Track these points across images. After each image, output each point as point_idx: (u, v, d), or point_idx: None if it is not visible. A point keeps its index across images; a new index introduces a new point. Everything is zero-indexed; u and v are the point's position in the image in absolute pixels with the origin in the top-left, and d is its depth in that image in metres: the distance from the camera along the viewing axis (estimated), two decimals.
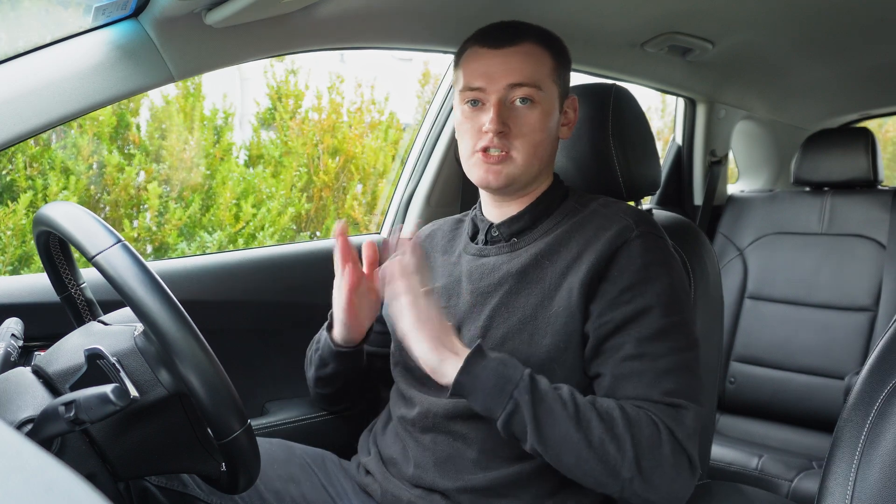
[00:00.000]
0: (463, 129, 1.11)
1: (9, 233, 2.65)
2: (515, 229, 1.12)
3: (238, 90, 4.46)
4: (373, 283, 1.13)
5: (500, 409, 0.92)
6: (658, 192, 2.38)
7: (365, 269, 1.13)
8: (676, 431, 0.93)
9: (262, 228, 3.30)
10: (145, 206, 3.10)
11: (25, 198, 2.66)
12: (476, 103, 1.09)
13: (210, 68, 1.19)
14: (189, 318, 0.79)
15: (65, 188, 2.82)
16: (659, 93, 2.70)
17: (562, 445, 0.91)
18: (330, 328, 1.21)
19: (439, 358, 0.95)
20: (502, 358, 0.96)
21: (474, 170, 1.10)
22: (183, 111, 3.28)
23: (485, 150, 1.07)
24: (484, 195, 1.17)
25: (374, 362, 1.31)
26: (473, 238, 1.18)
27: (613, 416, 0.92)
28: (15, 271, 2.72)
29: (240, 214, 3.26)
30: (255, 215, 3.30)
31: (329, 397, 1.32)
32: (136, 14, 1.08)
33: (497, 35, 1.08)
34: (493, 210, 1.15)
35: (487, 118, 1.05)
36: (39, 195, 2.77)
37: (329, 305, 1.17)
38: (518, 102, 1.06)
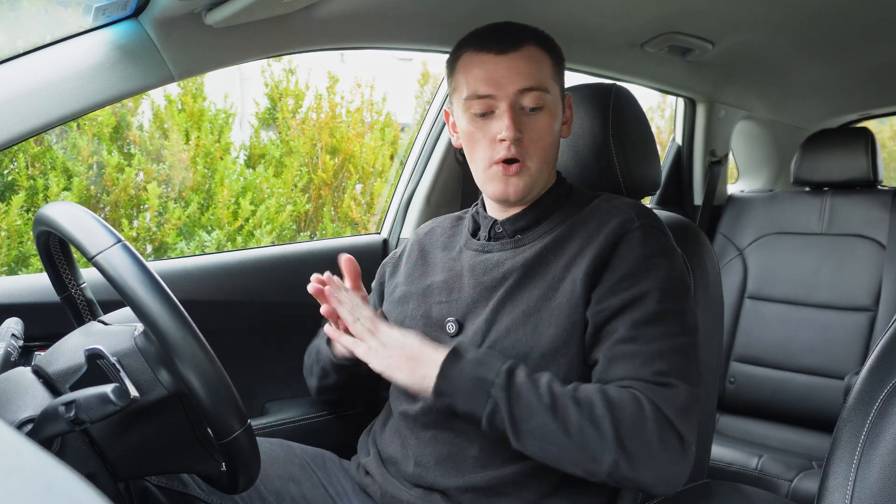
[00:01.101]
0: (473, 139, 1.08)
1: (2, 233, 2.66)
2: (520, 226, 1.12)
3: (238, 90, 4.47)
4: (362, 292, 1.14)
5: (481, 410, 0.93)
6: (658, 192, 2.38)
7: (349, 285, 1.13)
8: (663, 407, 0.92)
9: (260, 226, 3.31)
10: (145, 206, 3.10)
11: (17, 199, 2.67)
12: (486, 113, 1.06)
13: (210, 68, 1.19)
14: (189, 318, 0.79)
15: (66, 188, 2.82)
16: (659, 93, 2.70)
17: (541, 438, 0.91)
18: (329, 342, 1.21)
19: (420, 376, 0.97)
20: (479, 357, 0.96)
21: (491, 183, 1.08)
22: (185, 111, 3.28)
23: (504, 161, 1.05)
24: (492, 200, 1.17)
25: None
26: (474, 234, 1.18)
27: (592, 399, 0.92)
28: (11, 272, 2.72)
29: (238, 212, 3.27)
30: (253, 213, 3.30)
31: (334, 402, 1.33)
32: (136, 14, 1.08)
33: (497, 39, 1.06)
34: (498, 209, 1.15)
35: (501, 126, 1.04)
36: (40, 195, 2.78)
37: None
38: (528, 109, 1.05)
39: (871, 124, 2.61)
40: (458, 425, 1.05)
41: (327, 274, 1.06)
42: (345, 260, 1.13)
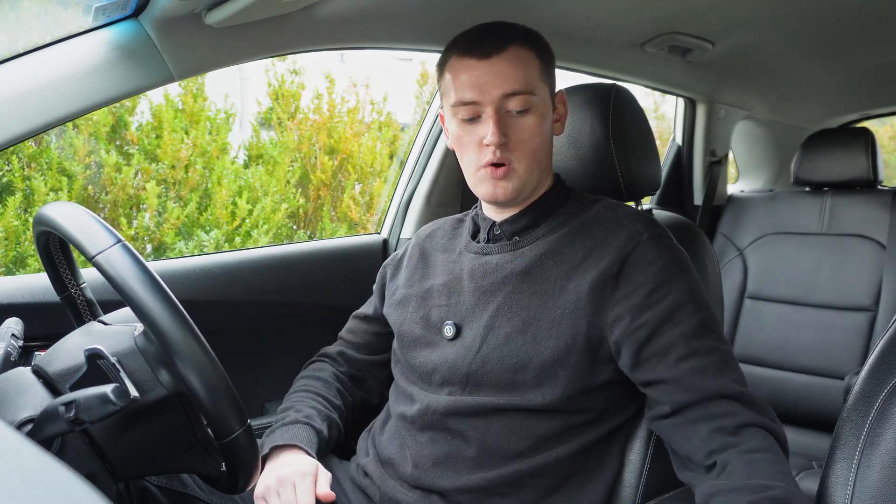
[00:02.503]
0: (462, 143, 1.09)
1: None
2: (518, 228, 1.12)
3: (238, 90, 4.46)
4: None
5: None
6: (658, 192, 2.38)
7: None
8: (763, 419, 0.92)
9: (257, 226, 3.31)
10: (144, 206, 3.10)
11: (14, 200, 2.67)
12: (473, 119, 1.06)
13: (210, 68, 1.18)
14: (189, 318, 0.79)
15: (53, 189, 2.82)
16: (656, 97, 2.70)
17: None
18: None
19: None
20: None
21: (481, 185, 1.09)
22: (185, 111, 3.28)
23: (492, 164, 1.05)
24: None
25: (379, 373, 1.31)
26: (474, 236, 1.18)
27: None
28: (9, 272, 2.72)
29: (235, 212, 3.27)
30: (250, 212, 3.30)
31: None
32: (136, 14, 1.08)
33: (482, 43, 1.05)
34: (495, 211, 1.15)
35: (487, 131, 1.04)
36: (36, 196, 2.78)
37: (327, 306, 1.16)
38: (514, 112, 1.05)
39: (870, 124, 2.61)
40: (456, 426, 1.05)
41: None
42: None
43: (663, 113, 5.36)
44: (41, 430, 0.75)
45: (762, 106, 2.49)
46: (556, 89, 1.15)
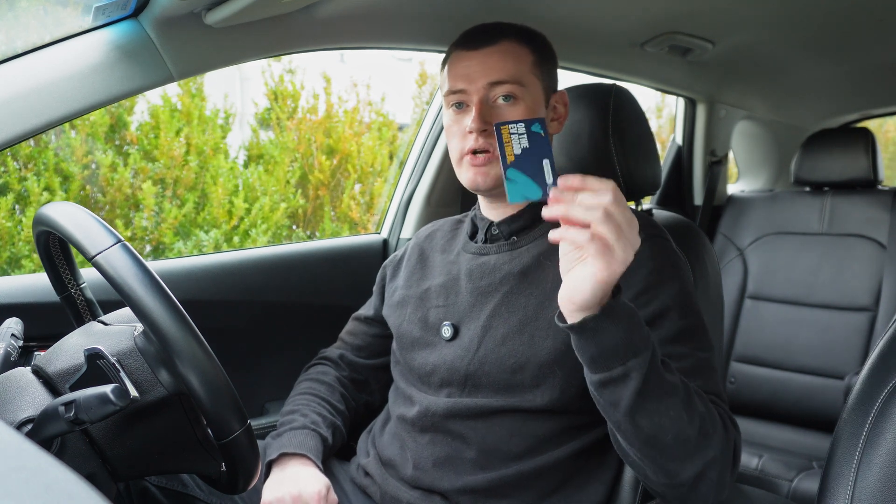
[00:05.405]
0: (451, 132, 1.11)
1: None
2: (515, 228, 1.12)
3: (238, 90, 4.46)
4: None
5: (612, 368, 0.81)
6: (658, 192, 2.38)
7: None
8: (729, 424, 0.92)
9: (255, 225, 3.31)
10: (141, 206, 3.10)
11: (6, 201, 2.67)
12: (461, 105, 1.09)
13: (210, 68, 1.19)
14: (189, 318, 0.79)
15: (48, 188, 2.81)
16: (659, 93, 2.70)
17: (662, 417, 0.82)
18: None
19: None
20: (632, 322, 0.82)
21: (463, 173, 1.10)
22: (183, 111, 3.28)
23: (472, 152, 1.07)
24: (481, 196, 1.17)
25: (381, 376, 1.31)
26: (472, 237, 1.18)
27: (704, 398, 0.88)
28: (3, 273, 2.72)
29: (232, 211, 3.27)
30: (248, 211, 3.30)
31: None
32: (136, 14, 1.08)
33: (476, 36, 1.09)
34: (492, 210, 1.15)
35: (470, 119, 1.06)
36: (31, 197, 2.78)
37: (327, 306, 1.16)
38: (500, 100, 1.06)
39: (883, 121, 2.61)
40: (455, 428, 1.05)
41: None
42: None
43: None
44: (41, 430, 0.75)
45: (762, 106, 2.49)
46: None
